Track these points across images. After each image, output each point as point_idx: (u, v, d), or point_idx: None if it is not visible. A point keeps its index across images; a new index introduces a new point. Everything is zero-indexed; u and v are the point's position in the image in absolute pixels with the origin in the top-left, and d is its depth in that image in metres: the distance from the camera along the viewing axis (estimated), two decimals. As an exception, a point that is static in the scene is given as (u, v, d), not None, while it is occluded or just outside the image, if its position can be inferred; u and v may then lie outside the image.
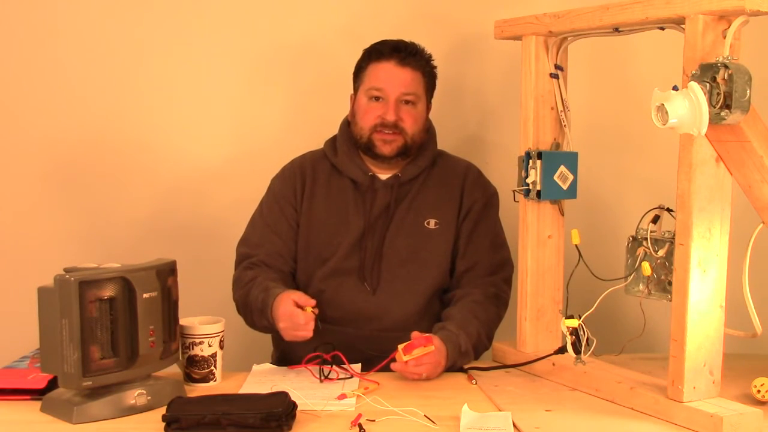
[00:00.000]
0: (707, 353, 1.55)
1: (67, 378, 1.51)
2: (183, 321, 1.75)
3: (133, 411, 1.57)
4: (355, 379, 1.78)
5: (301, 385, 1.73)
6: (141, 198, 2.44)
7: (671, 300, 1.57)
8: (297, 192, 2.06)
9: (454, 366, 1.85)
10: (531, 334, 1.89)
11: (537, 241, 1.88)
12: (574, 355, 1.66)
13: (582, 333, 1.64)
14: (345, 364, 1.81)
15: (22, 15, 2.36)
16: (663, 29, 1.58)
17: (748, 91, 1.39)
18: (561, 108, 1.84)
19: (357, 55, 2.06)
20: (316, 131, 2.19)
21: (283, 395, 1.54)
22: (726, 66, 1.39)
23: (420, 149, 2.04)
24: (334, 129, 2.12)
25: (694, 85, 1.39)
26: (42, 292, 1.52)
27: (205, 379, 1.76)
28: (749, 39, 1.51)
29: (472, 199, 2.06)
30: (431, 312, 2.02)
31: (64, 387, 1.55)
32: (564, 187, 1.83)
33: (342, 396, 1.65)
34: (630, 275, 1.72)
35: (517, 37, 1.86)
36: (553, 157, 1.82)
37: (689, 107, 1.39)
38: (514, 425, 1.51)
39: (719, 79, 1.40)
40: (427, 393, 1.72)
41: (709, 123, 1.39)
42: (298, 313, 1.80)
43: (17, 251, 2.41)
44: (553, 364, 1.79)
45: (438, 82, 2.10)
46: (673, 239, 1.57)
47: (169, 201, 2.45)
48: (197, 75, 2.42)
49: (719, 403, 1.52)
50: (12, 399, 1.65)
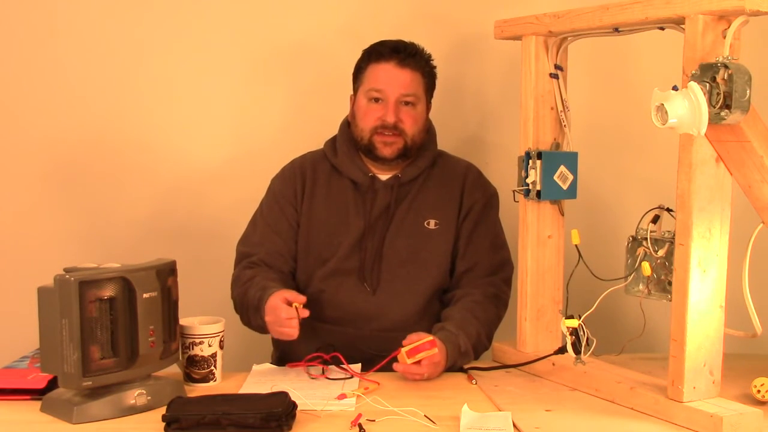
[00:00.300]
0: (707, 353, 1.55)
1: (67, 378, 1.51)
2: (183, 321, 1.75)
3: (133, 411, 1.57)
4: (355, 379, 1.78)
5: (301, 385, 1.73)
6: (141, 198, 2.44)
7: (671, 300, 1.57)
8: (297, 192, 2.06)
9: (454, 366, 1.85)
10: (531, 334, 1.89)
11: (537, 241, 1.88)
12: (574, 355, 1.66)
13: (582, 333, 1.64)
14: (344, 364, 1.81)
15: (22, 15, 2.36)
16: (663, 29, 1.58)
17: (748, 91, 1.39)
18: (561, 108, 1.84)
19: (357, 55, 2.06)
20: (315, 131, 2.19)
21: (283, 395, 1.54)
22: (726, 66, 1.39)
23: (420, 150, 2.04)
24: (333, 129, 2.12)
25: (693, 85, 1.39)
26: (42, 292, 1.52)
27: (205, 379, 1.76)
28: (749, 39, 1.51)
29: (472, 200, 2.06)
30: (431, 312, 2.02)
31: (64, 387, 1.55)
32: (564, 187, 1.83)
33: (342, 396, 1.65)
34: (630, 275, 1.72)
35: (517, 37, 1.86)
36: (553, 157, 1.82)
37: (689, 107, 1.39)
38: (514, 425, 1.51)
39: (719, 79, 1.40)
40: (427, 393, 1.72)
41: (709, 123, 1.39)
42: (282, 307, 1.79)
43: (17, 251, 2.41)
44: (553, 364, 1.79)
45: (438, 82, 2.09)
46: (673, 239, 1.57)
47: (169, 201, 2.45)
48: (197, 75, 2.42)
49: (719, 403, 1.52)
50: (12, 399, 1.65)
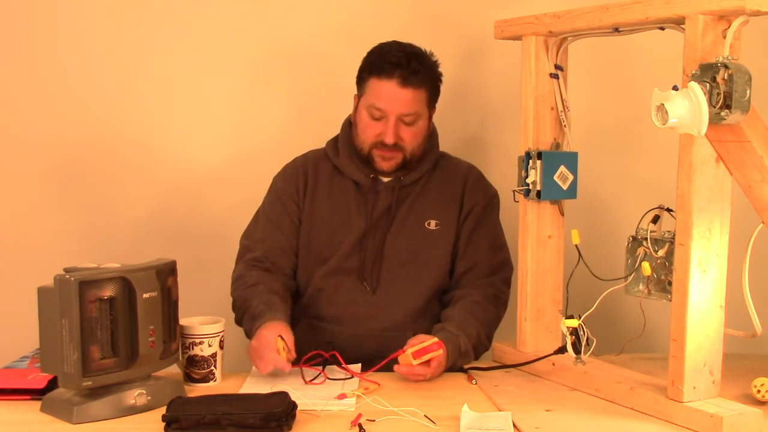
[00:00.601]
0: (707, 353, 1.55)
1: (67, 378, 1.51)
2: (183, 321, 1.75)
3: (133, 411, 1.57)
4: (355, 379, 1.78)
5: (301, 385, 1.73)
6: (141, 198, 2.44)
7: (671, 300, 1.57)
8: (299, 189, 2.06)
9: (454, 366, 1.85)
10: (531, 334, 1.89)
11: (537, 241, 1.88)
12: (574, 355, 1.66)
13: (582, 333, 1.64)
14: (343, 364, 1.81)
15: (22, 15, 2.36)
16: (663, 29, 1.58)
17: (748, 91, 1.39)
18: (561, 108, 1.84)
19: (357, 56, 2.05)
20: (316, 131, 2.19)
21: (283, 395, 1.54)
22: (726, 66, 1.39)
23: (421, 155, 2.04)
24: (334, 129, 2.12)
25: (694, 85, 1.39)
26: (42, 292, 1.52)
27: (205, 379, 1.76)
28: (749, 39, 1.51)
29: (472, 201, 2.05)
30: (430, 312, 2.02)
31: (64, 387, 1.55)
32: (564, 187, 1.83)
33: (342, 396, 1.65)
34: (630, 275, 1.72)
35: (517, 37, 1.86)
36: (553, 157, 1.82)
37: (689, 107, 1.39)
38: (514, 425, 1.51)
39: (719, 79, 1.40)
40: (427, 393, 1.72)
41: (709, 123, 1.39)
42: (270, 347, 1.73)
43: (17, 251, 2.41)
44: (553, 364, 1.79)
45: (439, 83, 2.10)
46: (673, 239, 1.57)
47: (169, 201, 2.45)
48: (197, 75, 2.42)
49: (719, 403, 1.52)
50: (12, 399, 1.64)
